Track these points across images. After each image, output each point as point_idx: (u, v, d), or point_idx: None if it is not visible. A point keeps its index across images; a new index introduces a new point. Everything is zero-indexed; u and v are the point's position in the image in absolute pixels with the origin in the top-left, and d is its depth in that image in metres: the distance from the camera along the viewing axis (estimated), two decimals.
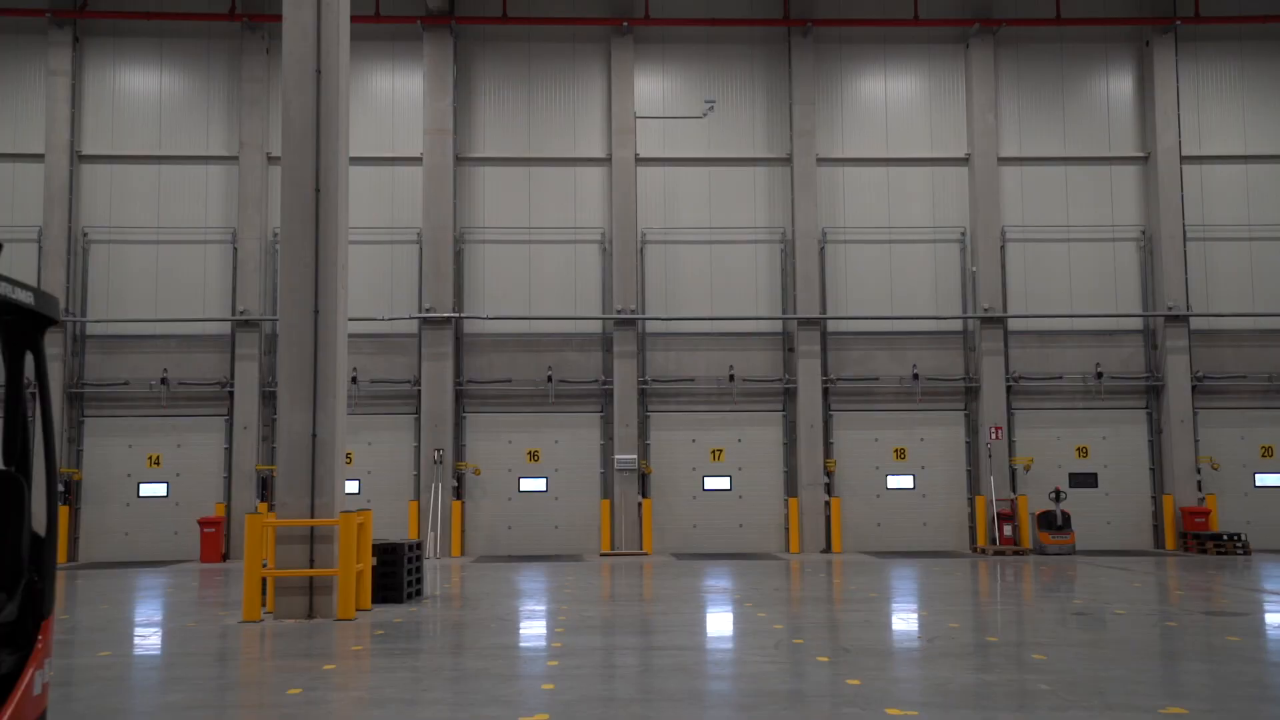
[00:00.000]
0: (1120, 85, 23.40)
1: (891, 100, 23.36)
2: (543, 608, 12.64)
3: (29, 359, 3.79)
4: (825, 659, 8.75)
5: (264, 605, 12.13)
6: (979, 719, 6.49)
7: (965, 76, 23.23)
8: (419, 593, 13.89)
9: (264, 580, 12.02)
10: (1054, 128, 23.26)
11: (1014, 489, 22.39)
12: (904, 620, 11.33)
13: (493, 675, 8.15)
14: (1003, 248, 22.88)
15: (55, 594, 3.69)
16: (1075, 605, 12.60)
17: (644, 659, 8.90)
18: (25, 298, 3.54)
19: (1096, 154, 23.18)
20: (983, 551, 21.75)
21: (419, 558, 14.09)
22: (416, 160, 22.65)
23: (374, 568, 12.91)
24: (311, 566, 11.77)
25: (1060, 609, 12.26)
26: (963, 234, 23.05)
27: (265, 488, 21.91)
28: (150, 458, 22.11)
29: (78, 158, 22.38)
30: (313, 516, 11.81)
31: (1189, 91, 23.14)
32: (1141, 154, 23.12)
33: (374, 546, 12.98)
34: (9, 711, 3.30)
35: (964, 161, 23.14)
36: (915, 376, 22.67)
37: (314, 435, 11.92)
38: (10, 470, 3.71)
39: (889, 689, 7.45)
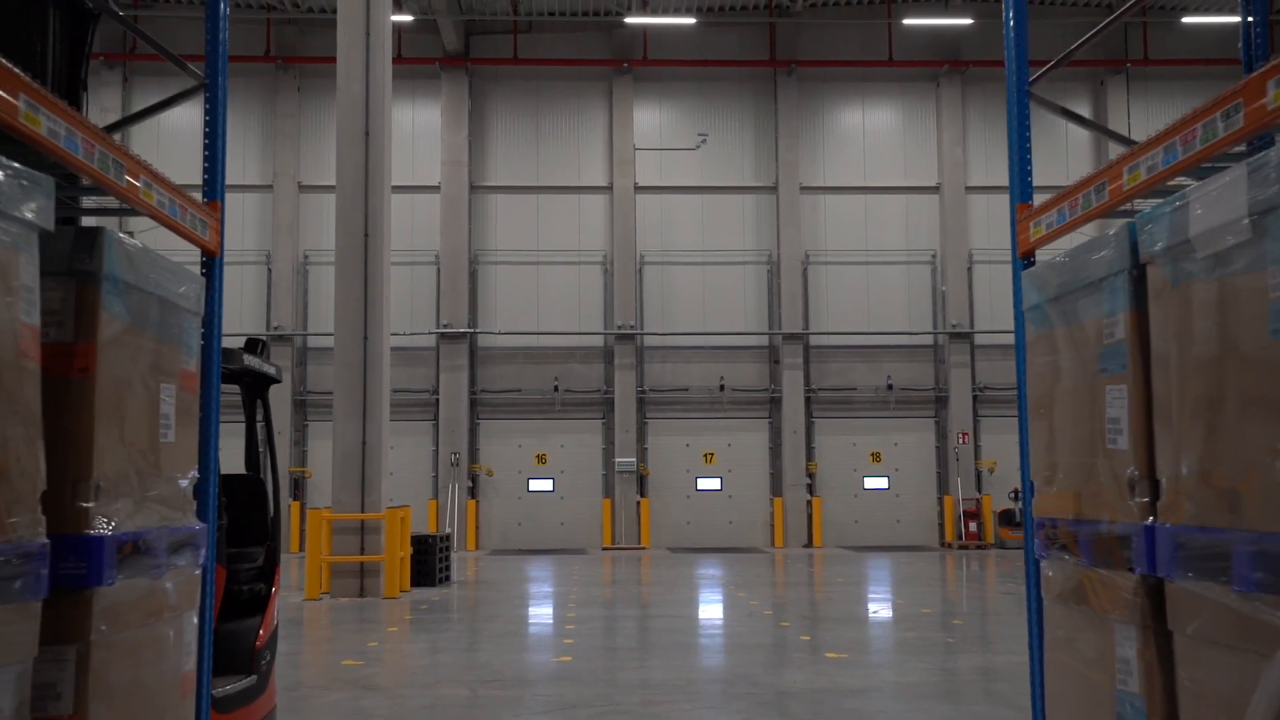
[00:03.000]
0: None
1: (869, 133, 25.53)
2: (556, 590, 14.83)
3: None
4: (787, 624, 10.94)
5: (320, 587, 14.26)
6: (889, 660, 8.69)
7: (936, 112, 25.41)
8: (448, 578, 16.06)
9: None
10: None
11: (979, 489, 24.57)
12: (860, 599, 13.52)
13: (523, 634, 10.34)
14: (970, 269, 25.06)
15: (281, 550, 5.86)
16: (1009, 588, 14.78)
17: (642, 624, 11.09)
18: (271, 370, 5.69)
19: (1056, 184, 25.18)
20: (950, 546, 23.93)
21: (448, 549, 16.26)
22: (434, 189, 24.78)
23: (411, 556, 15.08)
24: (362, 554, 13.94)
25: (995, 591, 14.45)
26: (933, 256, 25.22)
27: (297, 488, 24.06)
28: None
29: None
30: (363, 512, 13.98)
31: (1140, 126, 25.30)
32: None
33: (411, 538, 15.15)
34: (268, 621, 5.45)
35: (935, 190, 25.31)
36: (890, 386, 24.83)
37: (364, 443, 14.09)
38: (254, 474, 5.88)
39: (831, 642, 9.63)
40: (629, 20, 23.78)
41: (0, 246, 2.70)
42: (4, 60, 2.77)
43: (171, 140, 24.75)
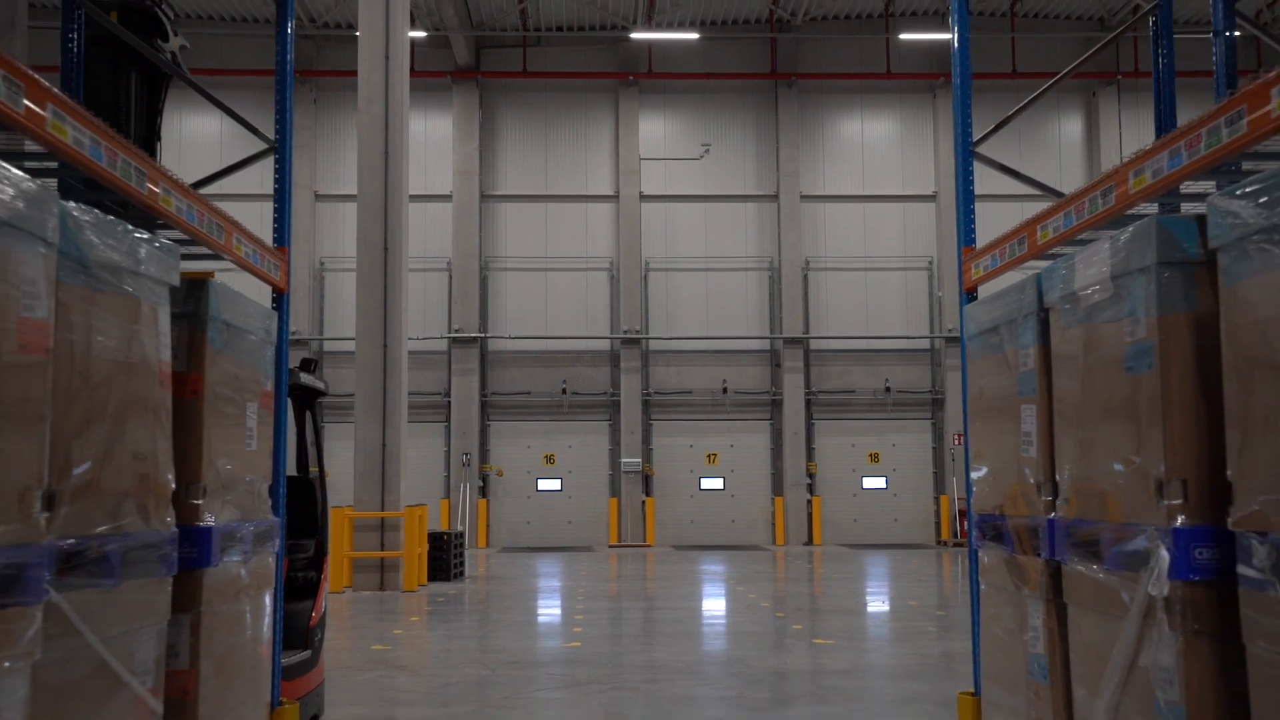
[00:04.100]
0: (1070, 130, 26.35)
1: (867, 143, 26.29)
2: (565, 585, 15.63)
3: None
4: (782, 614, 11.72)
5: (343, 580, 15.07)
6: (874, 645, 9.48)
7: (933, 122, 26.15)
8: (462, 573, 16.87)
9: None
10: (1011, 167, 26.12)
11: None
12: (853, 593, 14.29)
13: (536, 623, 11.14)
14: None
15: (329, 543, 6.69)
16: None
17: (647, 614, 11.88)
18: (320, 385, 6.50)
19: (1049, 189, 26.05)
20: (945, 544, 24.67)
21: (461, 546, 17.07)
22: (446, 198, 25.56)
23: (428, 552, 15.89)
24: (382, 550, 14.74)
25: None
26: (930, 263, 25.97)
27: None
28: None
29: None
30: (383, 510, 14.79)
31: (1131, 134, 26.04)
32: None
33: (428, 535, 15.95)
34: (318, 604, 6.25)
35: (932, 198, 26.06)
36: (887, 389, 25.58)
37: (383, 445, 14.90)
38: (304, 476, 6.70)
39: (822, 630, 10.42)
40: (634, 35, 24.56)
41: (148, 302, 3.51)
42: (147, 157, 3.57)
43: (193, 150, 25.61)
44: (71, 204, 2.96)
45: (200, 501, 4.05)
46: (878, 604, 12.90)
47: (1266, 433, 2.79)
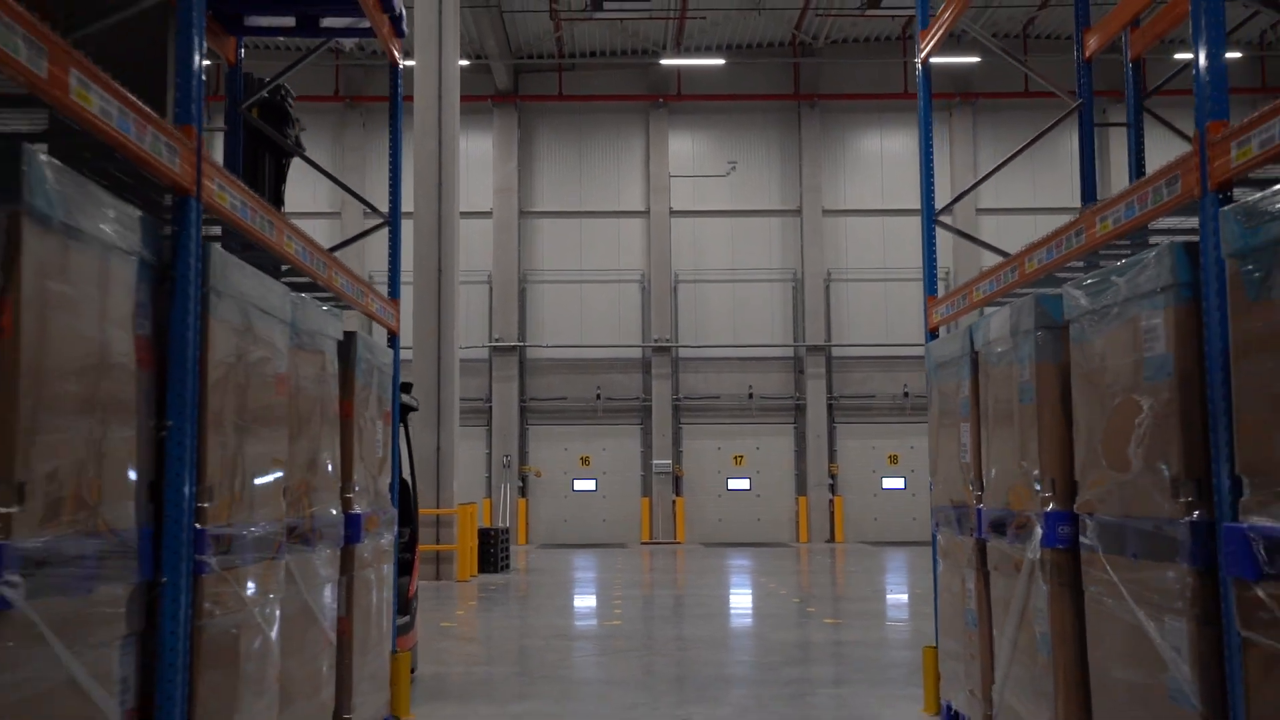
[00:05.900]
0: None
1: (886, 160, 27.59)
2: (602, 576, 17.08)
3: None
4: (797, 600, 13.12)
5: None
6: (878, 624, 10.86)
7: (949, 140, 27.39)
8: (508, 566, 18.37)
9: None
10: (1024, 183, 27.38)
11: None
12: (866, 584, 15.65)
13: (579, 607, 12.60)
14: None
15: (419, 530, 8.17)
16: None
17: (677, 600, 13.30)
18: (414, 403, 7.99)
19: (1061, 205, 27.20)
20: None
21: (507, 541, 18.57)
22: (487, 214, 27.08)
23: (477, 546, 17.39)
24: (438, 544, 16.26)
25: None
26: (948, 273, 27.19)
27: None
28: None
29: None
30: (438, 507, 16.30)
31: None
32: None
33: (477, 531, 17.46)
34: (414, 579, 7.72)
35: (948, 212, 27.25)
36: (906, 394, 26.85)
37: (438, 448, 16.41)
38: (401, 477, 8.19)
39: (833, 613, 11.80)
40: (664, 60, 26.00)
41: (326, 352, 4.99)
42: (330, 253, 5.04)
43: None
44: (298, 295, 4.43)
45: (352, 495, 5.53)
46: (887, 593, 14.25)
47: (1092, 447, 4.19)
